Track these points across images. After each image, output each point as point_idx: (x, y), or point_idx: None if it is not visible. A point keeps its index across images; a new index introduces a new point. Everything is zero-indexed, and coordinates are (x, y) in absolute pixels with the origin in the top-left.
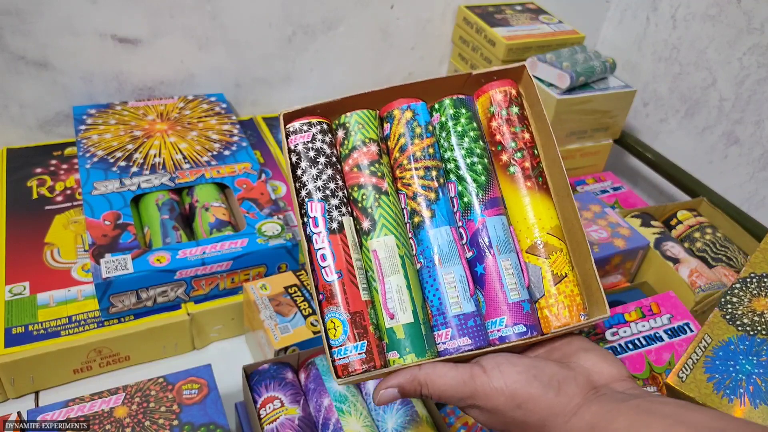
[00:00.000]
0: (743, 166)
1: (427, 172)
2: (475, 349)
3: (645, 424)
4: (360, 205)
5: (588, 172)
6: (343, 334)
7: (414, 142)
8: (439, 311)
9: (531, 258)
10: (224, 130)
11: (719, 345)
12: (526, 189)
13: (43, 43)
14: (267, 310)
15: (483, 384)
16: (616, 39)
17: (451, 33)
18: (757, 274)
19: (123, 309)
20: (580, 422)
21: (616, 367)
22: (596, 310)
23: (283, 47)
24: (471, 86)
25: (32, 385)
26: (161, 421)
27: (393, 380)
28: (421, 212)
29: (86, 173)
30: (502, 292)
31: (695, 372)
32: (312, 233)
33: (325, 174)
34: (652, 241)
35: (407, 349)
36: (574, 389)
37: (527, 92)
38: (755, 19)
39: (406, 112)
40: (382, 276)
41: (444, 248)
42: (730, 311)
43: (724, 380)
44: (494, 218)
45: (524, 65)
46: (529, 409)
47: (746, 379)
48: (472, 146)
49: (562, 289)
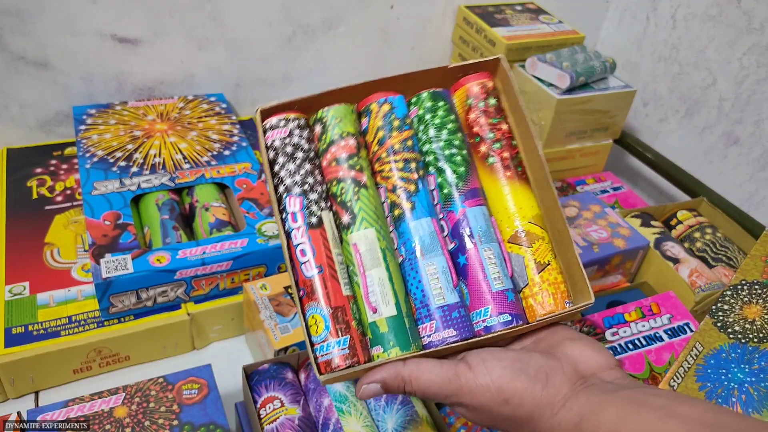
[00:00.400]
0: (743, 166)
1: (406, 164)
2: (460, 340)
3: (635, 415)
4: (339, 199)
5: (588, 172)
6: (324, 329)
7: (392, 135)
8: (422, 303)
9: (513, 247)
10: (224, 130)
11: (711, 353)
12: (506, 179)
13: (43, 43)
14: (267, 310)
15: (468, 381)
16: (616, 39)
17: (451, 33)
18: (748, 281)
19: (123, 309)
20: (569, 414)
21: (603, 356)
22: (581, 297)
23: (283, 47)
24: (448, 80)
25: (32, 385)
26: (161, 421)
27: (376, 374)
28: (401, 204)
29: (86, 173)
30: (485, 282)
31: (686, 380)
32: (291, 228)
33: (303, 169)
34: (652, 241)
35: (391, 342)
36: (561, 380)
37: (504, 85)
38: (755, 19)
39: (384, 106)
40: (363, 269)
41: (425, 240)
42: (721, 319)
43: (716, 389)
44: (475, 209)
45: (500, 58)
46: (516, 404)
47: (738, 387)
48: (451, 138)
49: (545, 277)
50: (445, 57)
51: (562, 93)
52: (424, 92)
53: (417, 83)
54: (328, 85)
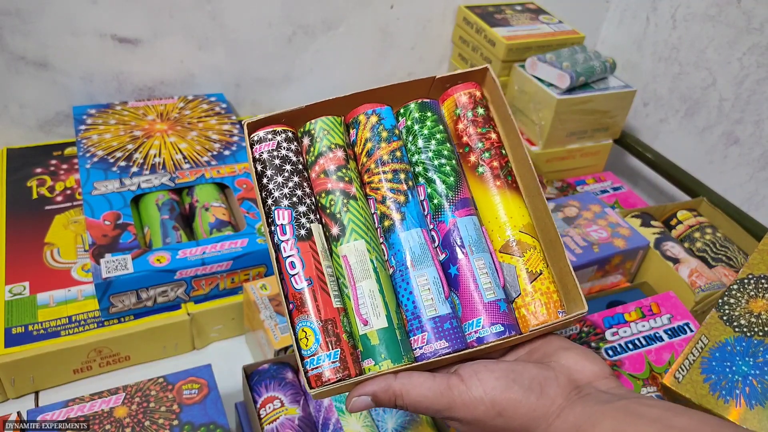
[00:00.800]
0: (743, 166)
1: (395, 175)
2: (452, 352)
3: (632, 426)
4: (328, 211)
5: (588, 172)
6: (315, 343)
7: (381, 146)
8: (414, 315)
9: (505, 257)
10: (224, 130)
11: (716, 346)
12: (496, 188)
13: (43, 43)
14: (267, 310)
15: (461, 394)
16: (616, 39)
17: (451, 33)
18: (755, 276)
19: (123, 309)
20: (564, 425)
21: (597, 365)
22: (574, 306)
23: (283, 47)
24: (436, 90)
25: (32, 385)
26: (161, 421)
27: (367, 387)
28: (391, 215)
29: (86, 173)
30: (477, 292)
31: (692, 373)
32: (280, 241)
33: (292, 181)
34: (652, 241)
35: (383, 355)
36: (556, 390)
37: (492, 94)
38: (755, 19)
39: (372, 117)
40: (353, 281)
41: (416, 251)
42: (727, 312)
43: (720, 381)
44: (465, 218)
45: (487, 67)
46: (510, 416)
47: (742, 380)
48: (439, 148)
49: (538, 286)
50: (445, 57)
51: (562, 93)
52: (411, 103)
53: (405, 94)
54: (328, 86)
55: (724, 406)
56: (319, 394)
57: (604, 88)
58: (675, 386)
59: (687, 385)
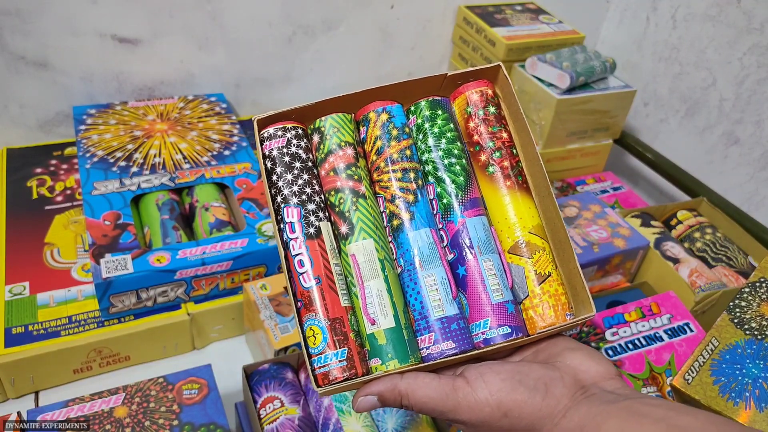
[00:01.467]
0: (743, 166)
1: (404, 174)
2: (459, 352)
3: (637, 426)
4: (337, 210)
5: (588, 172)
6: (322, 341)
7: (390, 145)
8: (421, 315)
9: (513, 258)
10: (224, 130)
11: (726, 348)
12: (506, 188)
13: (43, 43)
14: (267, 310)
15: (466, 396)
16: (616, 39)
17: (451, 33)
18: (767, 279)
19: (123, 309)
20: (569, 424)
21: (603, 365)
22: (582, 309)
23: (283, 47)
24: (447, 88)
25: (32, 385)
26: (161, 421)
27: (374, 387)
28: (400, 215)
29: (86, 173)
30: (485, 294)
31: (701, 375)
32: (289, 239)
33: (301, 179)
34: (652, 241)
35: (389, 354)
36: (562, 390)
37: (504, 92)
38: (755, 19)
39: (382, 115)
40: (361, 281)
41: (424, 250)
42: (738, 315)
43: (730, 383)
44: (474, 219)
45: (499, 65)
46: (516, 416)
47: (752, 383)
48: (450, 147)
49: (546, 288)
50: (445, 57)
51: (562, 93)
52: (422, 100)
53: (415, 91)
54: (328, 85)
55: (734, 408)
56: (326, 392)
57: (604, 88)
58: (684, 388)
59: (696, 386)
